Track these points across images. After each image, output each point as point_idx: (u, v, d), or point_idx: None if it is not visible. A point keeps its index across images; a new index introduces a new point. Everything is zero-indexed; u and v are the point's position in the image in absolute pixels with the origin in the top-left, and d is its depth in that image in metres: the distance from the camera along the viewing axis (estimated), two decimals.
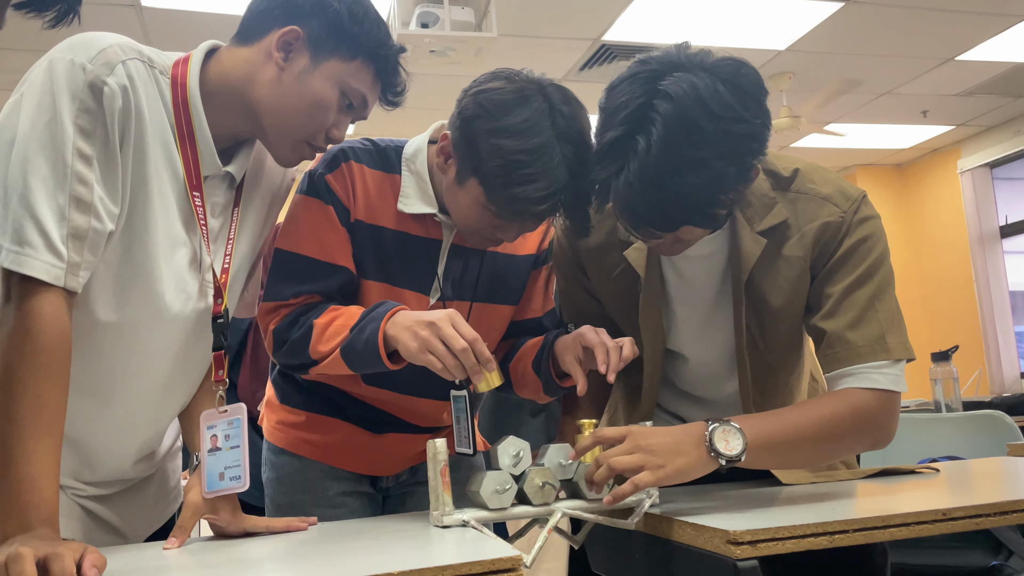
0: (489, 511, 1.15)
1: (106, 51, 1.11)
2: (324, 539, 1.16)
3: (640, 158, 1.12)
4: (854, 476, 1.41)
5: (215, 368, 1.26)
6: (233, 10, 4.11)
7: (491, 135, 1.25)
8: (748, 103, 1.15)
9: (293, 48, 1.23)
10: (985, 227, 6.96)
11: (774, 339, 1.36)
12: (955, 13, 4.62)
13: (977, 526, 1.07)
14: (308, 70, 1.24)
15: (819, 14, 4.54)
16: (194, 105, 1.21)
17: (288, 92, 1.23)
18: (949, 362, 3.24)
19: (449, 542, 1.06)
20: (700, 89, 1.12)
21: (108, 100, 1.09)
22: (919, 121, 6.55)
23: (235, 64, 1.25)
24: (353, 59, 1.25)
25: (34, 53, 1.15)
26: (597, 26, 4.53)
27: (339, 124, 1.28)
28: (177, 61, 1.23)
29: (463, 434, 1.32)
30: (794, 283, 1.33)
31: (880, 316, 1.29)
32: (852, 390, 1.26)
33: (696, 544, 1.04)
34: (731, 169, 1.13)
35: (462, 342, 1.20)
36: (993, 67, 5.49)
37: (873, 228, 1.32)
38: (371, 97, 1.30)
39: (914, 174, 7.72)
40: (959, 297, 7.14)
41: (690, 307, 1.41)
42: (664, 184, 1.12)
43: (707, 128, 1.11)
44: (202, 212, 1.22)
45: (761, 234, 1.31)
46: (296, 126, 1.25)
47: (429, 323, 1.22)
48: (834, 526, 1.00)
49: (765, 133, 1.17)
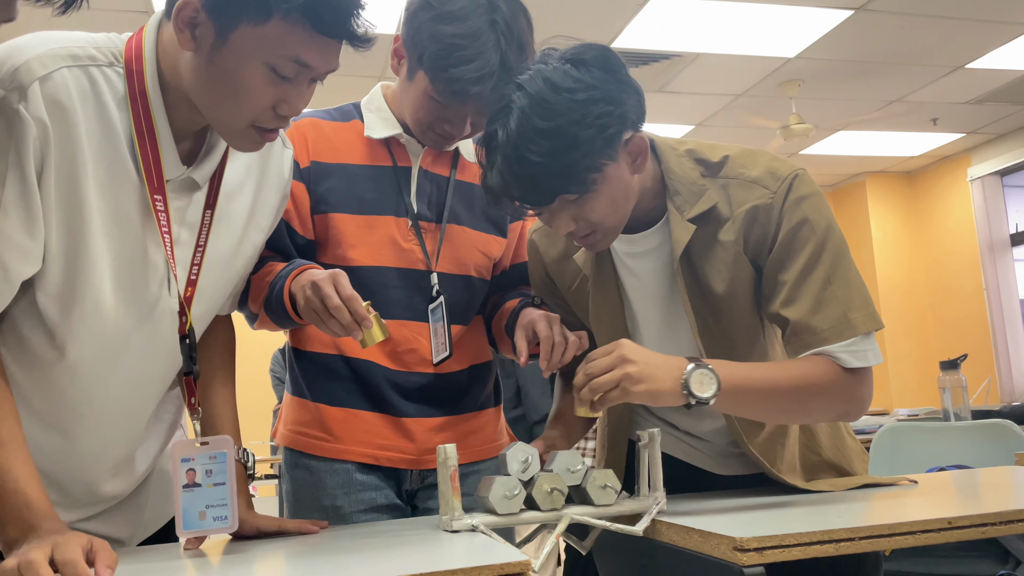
0: (498, 516, 1.16)
1: (19, 70, 0.98)
2: (334, 542, 1.17)
3: (502, 145, 1.22)
4: (834, 488, 1.41)
5: (186, 394, 1.17)
6: None
7: (432, 22, 1.37)
8: (595, 72, 1.23)
9: (198, 23, 1.03)
10: (995, 235, 6.94)
11: (728, 324, 1.38)
12: (965, 21, 4.62)
13: (983, 535, 1.07)
14: (217, 48, 1.03)
15: (829, 22, 4.54)
16: (153, 98, 1.06)
17: (206, 78, 1.05)
18: (958, 370, 3.23)
19: (458, 546, 1.07)
20: (546, 73, 1.22)
21: (19, 130, 0.97)
22: (929, 129, 6.54)
23: (164, 44, 1.09)
24: (266, 20, 1.01)
25: None
26: (607, 33, 4.55)
27: (286, 98, 1.07)
28: (129, 43, 1.07)
29: (439, 343, 1.48)
30: (731, 267, 1.34)
31: (838, 294, 1.28)
32: (827, 359, 1.28)
33: (702, 551, 1.04)
34: (586, 132, 1.20)
35: (335, 300, 1.26)
36: (1003, 75, 5.48)
37: (812, 207, 1.30)
38: (314, 57, 1.05)
39: (924, 182, 7.70)
40: (969, 305, 7.12)
41: (647, 304, 1.43)
42: (524, 158, 1.20)
43: (554, 101, 1.20)
44: (164, 219, 1.09)
45: (692, 221, 1.33)
46: (230, 114, 1.07)
47: (312, 283, 1.29)
48: (840, 534, 1.01)
49: (620, 96, 1.24)
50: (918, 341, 7.62)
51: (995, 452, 2.47)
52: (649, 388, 1.18)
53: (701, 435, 1.50)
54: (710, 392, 1.20)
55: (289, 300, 1.35)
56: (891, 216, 7.71)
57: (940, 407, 3.34)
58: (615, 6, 4.26)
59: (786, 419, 1.37)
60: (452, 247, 1.55)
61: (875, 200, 7.68)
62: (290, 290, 1.34)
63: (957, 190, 7.31)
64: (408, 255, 1.52)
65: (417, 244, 1.52)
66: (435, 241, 1.54)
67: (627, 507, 1.21)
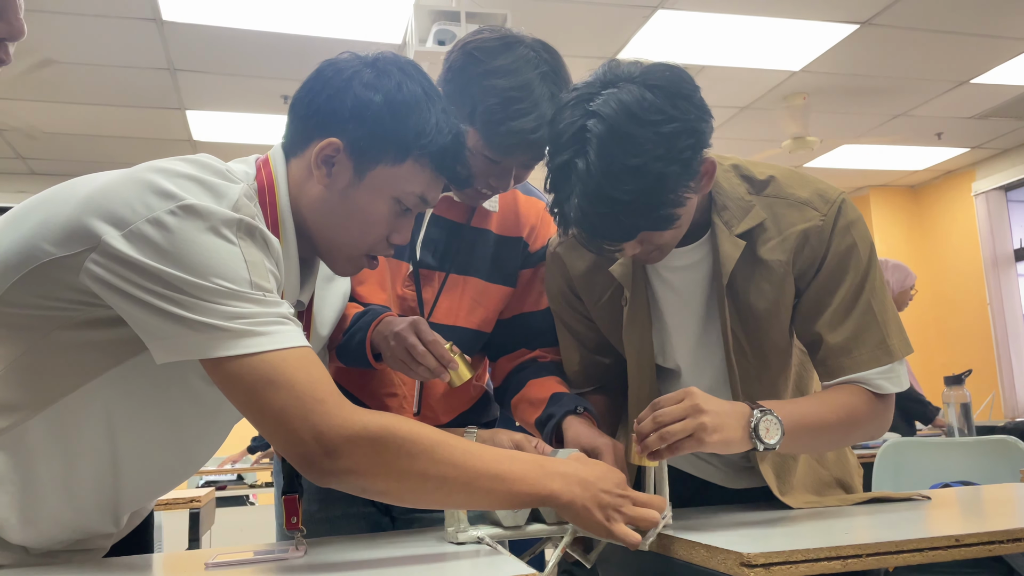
0: (503, 528, 1.16)
1: (239, 203, 1.03)
2: (336, 555, 1.17)
3: (583, 179, 1.17)
4: (843, 503, 1.41)
5: (287, 515, 1.21)
6: (253, 26, 4.16)
7: (483, 77, 1.36)
8: (677, 101, 1.18)
9: (335, 161, 1.13)
10: (999, 250, 6.94)
11: (760, 343, 1.37)
12: (970, 36, 4.63)
13: (990, 552, 1.07)
14: (353, 184, 1.13)
15: (834, 36, 4.55)
16: (286, 228, 1.13)
17: (335, 210, 1.14)
18: (962, 386, 3.22)
19: (464, 560, 1.07)
20: (626, 101, 1.17)
21: (271, 247, 1.06)
22: (933, 143, 6.54)
23: (292, 177, 1.16)
24: (402, 162, 1.13)
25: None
26: (611, 46, 4.56)
27: (399, 229, 1.18)
28: (259, 174, 1.14)
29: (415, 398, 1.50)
30: (777, 286, 1.34)
31: (879, 320, 1.31)
32: (860, 387, 1.31)
33: (709, 566, 1.04)
34: (672, 168, 1.16)
35: (420, 348, 1.30)
36: (1008, 90, 5.49)
37: (859, 233, 1.33)
38: (431, 194, 1.18)
39: (928, 196, 7.70)
40: (973, 320, 7.11)
41: (682, 319, 1.41)
42: (609, 196, 1.16)
43: (638, 135, 1.15)
44: None
45: (740, 236, 1.33)
46: (348, 243, 1.16)
47: (395, 334, 1.32)
48: (847, 550, 1.01)
49: (701, 126, 1.20)
50: (921, 356, 7.61)
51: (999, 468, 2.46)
52: (723, 437, 1.17)
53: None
54: (776, 438, 1.20)
55: (370, 349, 1.38)
56: (895, 230, 7.71)
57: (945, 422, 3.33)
58: (622, 18, 4.27)
59: (829, 449, 1.41)
60: (451, 298, 1.52)
61: (879, 214, 7.69)
62: (372, 340, 1.37)
63: (961, 204, 7.31)
64: (402, 301, 1.51)
65: (411, 291, 1.51)
66: (433, 291, 1.52)
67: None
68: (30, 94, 4.87)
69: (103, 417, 1.08)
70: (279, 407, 0.97)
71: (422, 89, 1.15)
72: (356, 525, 1.53)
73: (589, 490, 1.05)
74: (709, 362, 1.41)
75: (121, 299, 0.98)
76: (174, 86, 4.88)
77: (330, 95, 1.13)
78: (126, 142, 5.81)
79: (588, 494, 1.05)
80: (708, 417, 1.16)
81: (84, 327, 1.04)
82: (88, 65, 4.52)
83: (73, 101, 5.04)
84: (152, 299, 0.96)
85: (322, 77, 1.15)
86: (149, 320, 0.98)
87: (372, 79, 1.13)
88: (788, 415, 1.23)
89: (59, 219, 1.02)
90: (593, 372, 1.54)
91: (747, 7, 4.20)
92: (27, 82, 4.63)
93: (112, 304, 1.00)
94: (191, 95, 5.05)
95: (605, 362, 1.53)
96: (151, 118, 5.39)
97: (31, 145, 5.72)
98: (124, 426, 1.09)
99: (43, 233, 1.02)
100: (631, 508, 1.08)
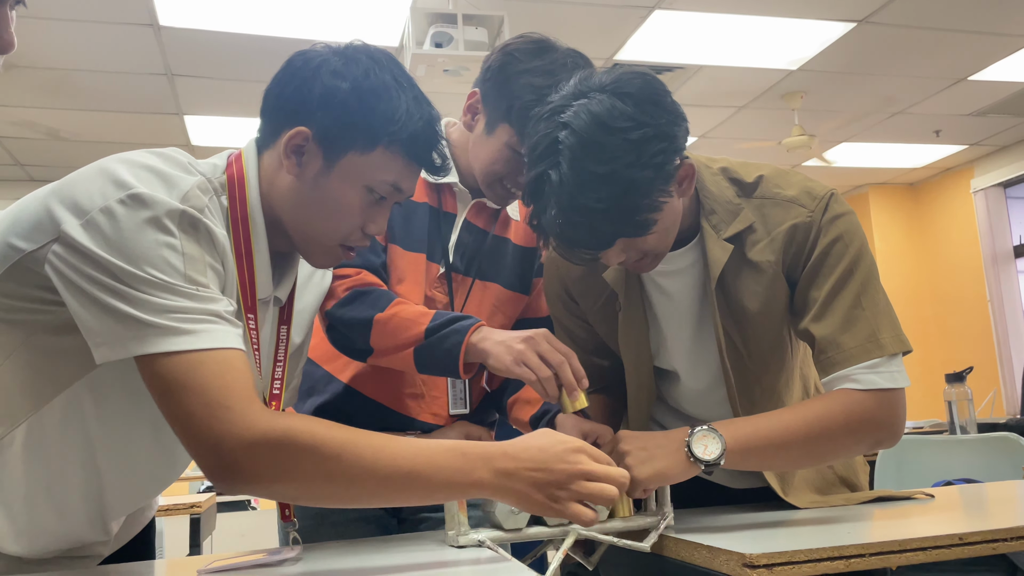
0: (504, 531, 1.16)
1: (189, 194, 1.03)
2: (337, 559, 1.17)
3: (556, 190, 1.17)
4: (848, 502, 1.40)
5: (279, 507, 1.18)
6: (250, 30, 4.15)
7: (520, 76, 1.40)
8: (646, 107, 1.18)
9: (305, 150, 1.11)
10: (999, 247, 6.93)
11: (756, 344, 1.37)
12: (968, 33, 4.63)
13: (994, 551, 1.06)
14: (324, 173, 1.11)
15: (831, 34, 4.55)
16: (255, 222, 1.12)
17: (306, 200, 1.12)
18: (964, 383, 3.22)
19: (465, 563, 1.06)
20: (595, 111, 1.17)
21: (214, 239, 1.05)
22: (932, 140, 6.54)
23: (264, 169, 1.15)
24: (372, 149, 1.11)
25: None
26: (609, 46, 4.56)
27: (374, 218, 1.16)
28: (230, 168, 1.13)
29: (458, 396, 1.44)
30: (768, 287, 1.33)
31: (867, 313, 1.28)
32: (846, 391, 1.26)
33: (711, 567, 1.04)
34: (643, 174, 1.16)
35: (559, 356, 1.25)
36: (1006, 87, 5.49)
37: (846, 225, 1.31)
38: (405, 183, 1.16)
39: (927, 193, 7.70)
40: (973, 317, 7.10)
41: (676, 323, 1.42)
42: (583, 206, 1.16)
43: (607, 143, 1.16)
44: (255, 337, 1.13)
45: (728, 240, 1.33)
46: (322, 234, 1.15)
47: (527, 338, 1.27)
48: (850, 550, 1.00)
49: (673, 130, 1.20)
50: (921, 353, 7.60)
51: (1002, 465, 2.46)
52: (655, 468, 1.19)
53: None
54: (715, 454, 1.19)
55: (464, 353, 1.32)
56: (894, 228, 7.70)
57: (945, 419, 3.33)
58: (619, 18, 4.27)
59: (812, 463, 1.36)
60: (475, 303, 1.55)
61: (878, 211, 7.68)
62: (477, 347, 1.31)
63: (960, 202, 7.31)
64: (431, 302, 1.51)
65: (442, 293, 1.52)
66: (462, 295, 1.54)
67: (634, 523, 1.21)
68: (34, 101, 4.87)
69: (79, 426, 1.07)
70: (186, 412, 0.95)
71: (392, 76, 1.13)
72: (365, 528, 1.53)
73: (520, 473, 1.00)
74: (706, 364, 1.41)
75: (71, 293, 0.97)
76: (172, 91, 4.88)
77: (298, 85, 1.12)
78: (124, 148, 5.77)
79: (520, 477, 1.00)
80: (631, 456, 1.18)
81: (60, 332, 1.03)
82: (85, 71, 4.52)
83: (71, 107, 5.03)
84: (94, 289, 0.96)
85: (291, 68, 1.14)
86: (88, 317, 0.97)
87: (340, 67, 1.11)
88: (737, 429, 1.22)
89: (27, 212, 1.02)
90: (591, 374, 1.53)
91: (744, 6, 4.20)
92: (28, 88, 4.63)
93: (65, 301, 0.99)
94: (189, 100, 5.04)
95: (603, 364, 1.53)
96: (149, 123, 5.39)
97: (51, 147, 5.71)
98: (102, 433, 1.09)
99: (15, 229, 1.01)
100: (582, 486, 1.01)
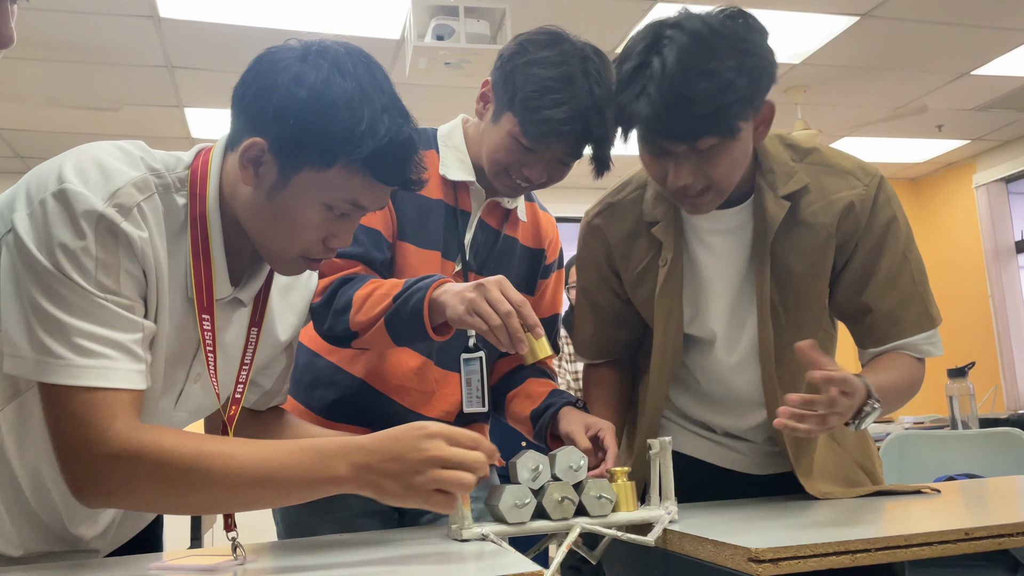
0: (508, 525, 1.15)
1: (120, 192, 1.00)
2: (341, 552, 1.16)
3: (656, 76, 1.22)
4: (846, 495, 1.41)
5: (224, 518, 1.12)
6: (251, 22, 4.14)
7: (527, 66, 1.40)
8: (752, 33, 1.26)
9: (262, 161, 1.05)
10: (1000, 242, 6.92)
11: (796, 307, 1.41)
12: (970, 28, 4.61)
13: (999, 546, 1.06)
14: (279, 187, 1.05)
15: (834, 28, 4.54)
16: (212, 222, 1.08)
17: (263, 212, 1.07)
18: (966, 378, 3.22)
19: (468, 556, 1.06)
20: (709, 21, 1.25)
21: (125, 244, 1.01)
22: (934, 135, 6.53)
23: (227, 173, 1.11)
24: (329, 167, 1.03)
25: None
26: (612, 39, 4.54)
27: (337, 233, 1.10)
28: (195, 166, 1.10)
29: (474, 395, 1.41)
30: (819, 250, 1.38)
31: (920, 290, 1.40)
32: (906, 356, 1.40)
33: (717, 561, 1.03)
34: (741, 79, 1.22)
35: (507, 305, 1.24)
36: (1008, 82, 5.47)
37: (897, 206, 1.41)
38: (368, 200, 1.08)
39: (929, 188, 7.69)
40: (974, 313, 7.09)
41: (720, 282, 1.44)
42: (680, 92, 1.21)
43: (716, 44, 1.22)
44: (210, 338, 1.09)
45: (784, 198, 1.37)
46: (281, 246, 1.10)
47: (477, 285, 1.26)
48: (856, 544, 1.00)
49: (770, 58, 1.27)
50: None
51: (1004, 460, 2.46)
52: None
53: (740, 434, 1.51)
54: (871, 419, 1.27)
55: (428, 311, 1.30)
56: None
57: (946, 415, 3.33)
58: (621, 12, 4.26)
59: (891, 412, 1.47)
60: None
61: None
62: (437, 300, 1.29)
63: (962, 197, 7.30)
64: None
65: None
66: None
67: (639, 516, 1.21)
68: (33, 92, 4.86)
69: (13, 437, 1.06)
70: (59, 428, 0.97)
71: (357, 84, 1.04)
72: (368, 522, 1.53)
73: (375, 465, 0.98)
74: (743, 329, 1.43)
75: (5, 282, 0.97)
76: (172, 83, 4.87)
77: (258, 91, 1.06)
78: (124, 140, 5.79)
79: (376, 469, 0.98)
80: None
81: None
82: (85, 63, 4.51)
83: (71, 99, 5.02)
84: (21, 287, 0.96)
85: (256, 68, 1.08)
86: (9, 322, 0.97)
87: (299, 73, 1.03)
88: (879, 388, 1.27)
89: (7, 195, 1.02)
90: (604, 345, 1.58)
91: (747, 0, 4.19)
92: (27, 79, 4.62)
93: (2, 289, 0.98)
94: (189, 92, 5.03)
95: (620, 336, 1.56)
96: (149, 116, 5.37)
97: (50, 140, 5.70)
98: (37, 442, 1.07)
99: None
100: (437, 473, 0.97)
